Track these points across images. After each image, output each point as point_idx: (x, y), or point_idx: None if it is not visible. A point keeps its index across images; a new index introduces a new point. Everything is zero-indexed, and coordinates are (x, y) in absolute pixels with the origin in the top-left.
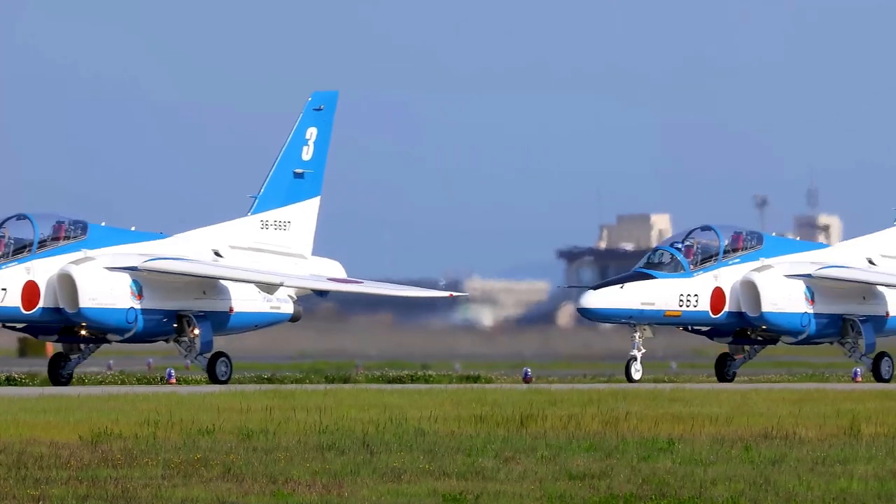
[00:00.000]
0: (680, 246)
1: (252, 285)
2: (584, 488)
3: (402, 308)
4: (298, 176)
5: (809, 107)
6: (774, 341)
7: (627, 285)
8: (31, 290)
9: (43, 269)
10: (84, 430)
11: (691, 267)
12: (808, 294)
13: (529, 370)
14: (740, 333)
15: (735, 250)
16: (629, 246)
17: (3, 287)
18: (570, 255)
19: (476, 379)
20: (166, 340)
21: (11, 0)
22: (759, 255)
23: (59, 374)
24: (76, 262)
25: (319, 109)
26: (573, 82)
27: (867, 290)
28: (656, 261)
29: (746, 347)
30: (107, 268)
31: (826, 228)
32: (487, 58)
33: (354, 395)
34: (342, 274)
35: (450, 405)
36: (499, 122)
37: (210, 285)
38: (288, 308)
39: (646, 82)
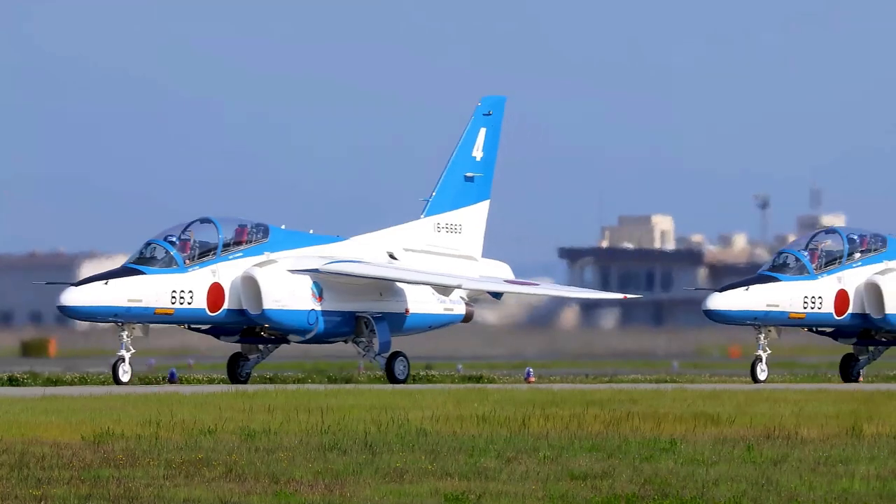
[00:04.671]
0: (174, 240)
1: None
2: (586, 488)
3: None
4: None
5: (812, 105)
6: (285, 340)
7: (111, 281)
8: None
9: None
10: (86, 431)
11: (186, 262)
12: (315, 290)
13: (531, 370)
14: (248, 332)
15: (238, 244)
16: (630, 245)
17: None
18: (572, 255)
19: (479, 379)
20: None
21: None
22: (263, 249)
23: None
24: None
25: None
26: (574, 82)
27: (384, 286)
28: (148, 255)
29: (261, 347)
30: None
31: None
32: (489, 57)
33: (356, 395)
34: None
35: (452, 405)
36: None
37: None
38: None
39: (648, 82)
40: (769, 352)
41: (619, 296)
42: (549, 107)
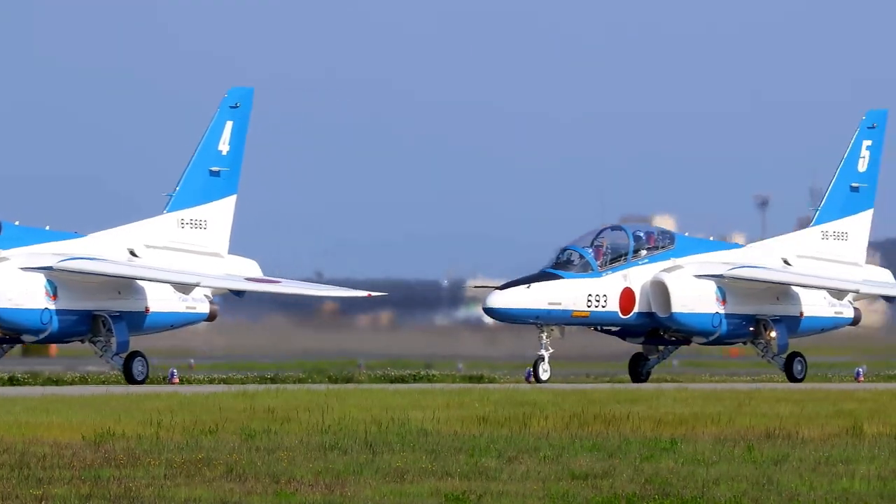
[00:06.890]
0: None
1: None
2: (586, 488)
3: (404, 307)
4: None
5: (812, 105)
6: (19, 340)
7: None
8: None
9: None
10: (87, 430)
11: None
12: (49, 288)
13: (532, 370)
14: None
15: None
16: None
17: None
18: None
19: (479, 379)
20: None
21: None
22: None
23: None
24: None
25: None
26: (575, 82)
27: (122, 285)
28: None
29: (6, 346)
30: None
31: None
32: (488, 57)
33: (357, 394)
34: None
35: (452, 405)
36: (501, 121)
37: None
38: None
39: (648, 83)
40: (552, 351)
41: (364, 293)
42: (549, 108)
